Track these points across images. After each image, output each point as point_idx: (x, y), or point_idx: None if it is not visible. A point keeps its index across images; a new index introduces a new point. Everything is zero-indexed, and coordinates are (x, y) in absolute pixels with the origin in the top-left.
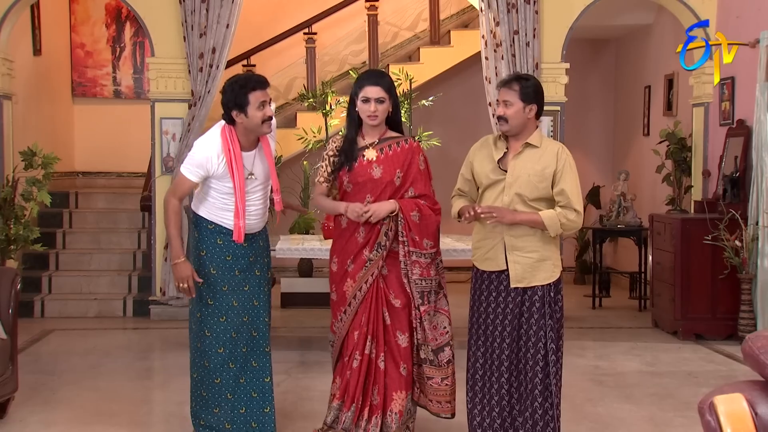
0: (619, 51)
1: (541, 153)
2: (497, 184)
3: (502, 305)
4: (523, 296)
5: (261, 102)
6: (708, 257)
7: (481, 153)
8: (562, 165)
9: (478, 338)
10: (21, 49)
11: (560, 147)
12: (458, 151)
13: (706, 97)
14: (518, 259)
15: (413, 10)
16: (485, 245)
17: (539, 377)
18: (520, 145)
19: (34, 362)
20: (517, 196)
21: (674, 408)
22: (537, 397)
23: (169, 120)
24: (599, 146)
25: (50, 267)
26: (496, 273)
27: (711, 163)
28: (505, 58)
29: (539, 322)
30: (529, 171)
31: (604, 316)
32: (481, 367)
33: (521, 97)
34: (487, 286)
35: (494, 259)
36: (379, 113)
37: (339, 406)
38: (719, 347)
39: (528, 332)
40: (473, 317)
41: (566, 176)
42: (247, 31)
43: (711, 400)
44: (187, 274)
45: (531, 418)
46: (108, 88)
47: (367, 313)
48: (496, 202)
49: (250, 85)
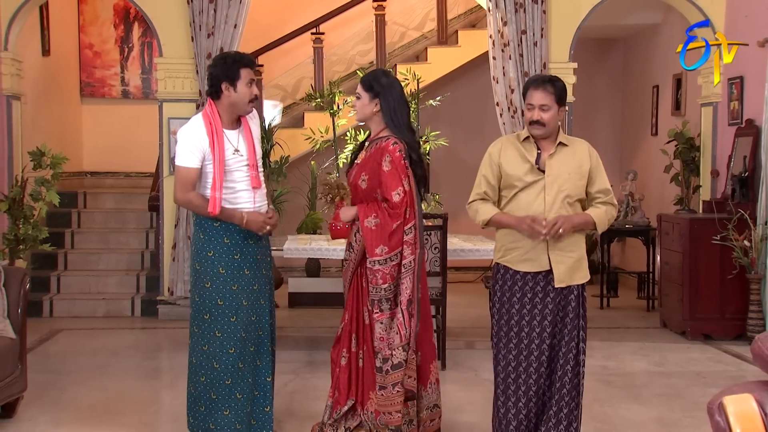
0: (627, 51)
1: (572, 151)
2: (534, 185)
3: (540, 306)
4: (560, 296)
5: (250, 79)
6: (717, 257)
7: (508, 154)
8: (595, 162)
9: (509, 341)
10: (30, 49)
11: (588, 144)
12: (466, 151)
13: (714, 97)
14: (562, 259)
15: (421, 10)
16: (524, 246)
17: (568, 377)
18: (553, 145)
19: (42, 362)
20: (560, 195)
21: (683, 408)
22: (565, 396)
23: (177, 120)
24: (607, 146)
25: (59, 267)
26: (532, 274)
27: (719, 162)
28: (512, 57)
29: (574, 321)
30: (568, 169)
31: (612, 316)
32: (513, 370)
33: (557, 100)
34: (521, 288)
35: (536, 259)
36: (357, 108)
37: (331, 403)
38: (728, 347)
39: (563, 331)
40: (502, 319)
41: (601, 173)
42: (254, 31)
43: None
44: (261, 219)
45: (555, 417)
46: (116, 88)
47: (350, 311)
48: (535, 202)
49: (243, 61)
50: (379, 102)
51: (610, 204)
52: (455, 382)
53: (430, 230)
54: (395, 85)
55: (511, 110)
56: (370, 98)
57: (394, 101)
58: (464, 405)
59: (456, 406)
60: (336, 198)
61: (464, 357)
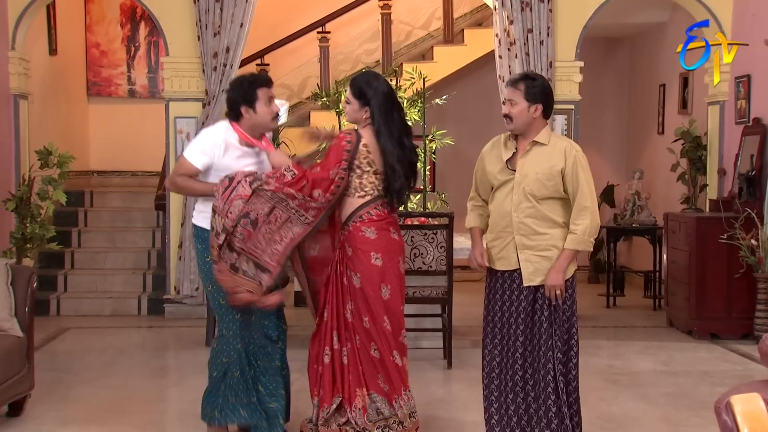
0: (633, 49)
1: (549, 150)
2: (506, 184)
3: (515, 303)
4: (535, 294)
5: (269, 98)
6: (723, 256)
7: (491, 153)
8: (572, 164)
9: (494, 337)
10: (37, 48)
11: (568, 143)
12: (471, 150)
13: (721, 95)
14: (529, 258)
15: (427, 8)
16: (497, 245)
17: (551, 375)
18: (528, 144)
19: (50, 360)
20: (525, 196)
21: (689, 407)
22: (550, 395)
23: (184, 119)
24: (613, 145)
25: (66, 265)
26: (508, 272)
27: (726, 161)
28: (518, 56)
29: (549, 319)
30: (536, 169)
31: (618, 315)
32: (497, 365)
33: (526, 96)
34: (500, 285)
35: (506, 258)
36: (347, 111)
37: (317, 402)
38: (735, 347)
39: (540, 330)
40: (488, 316)
41: (578, 179)
42: (260, 30)
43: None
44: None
45: (546, 416)
46: (123, 87)
47: (331, 309)
48: (505, 201)
49: (259, 82)
50: (369, 110)
51: (581, 212)
52: (462, 381)
53: (436, 229)
54: (386, 90)
55: None
56: (360, 105)
57: (384, 108)
58: (471, 404)
59: (463, 405)
60: None
61: (471, 356)
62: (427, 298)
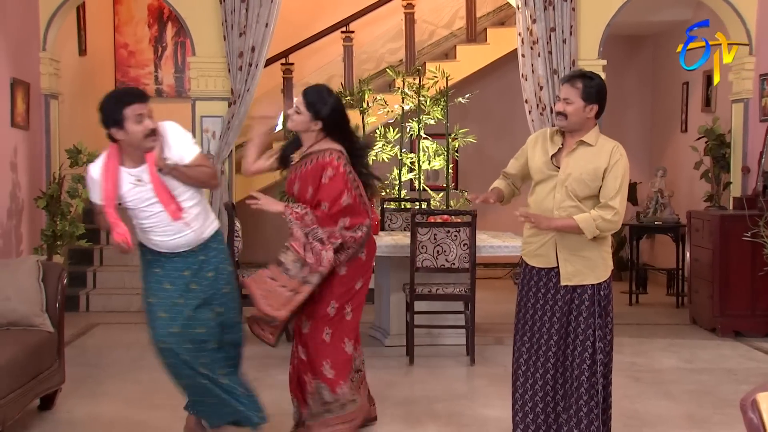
0: (656, 47)
1: (595, 152)
2: (549, 180)
3: (551, 302)
4: (572, 294)
5: (138, 115)
6: (747, 254)
7: (537, 146)
8: (613, 163)
9: (524, 333)
10: (67, 49)
11: (615, 145)
12: (494, 148)
13: (745, 93)
14: (569, 258)
15: (450, 8)
16: (536, 241)
17: (585, 375)
18: (575, 143)
19: (80, 355)
20: (568, 194)
21: (713, 405)
22: (582, 395)
23: (210, 118)
24: (637, 143)
25: (95, 262)
26: (545, 269)
27: (750, 159)
28: (541, 55)
29: (588, 320)
30: (581, 169)
31: (641, 312)
32: (524, 362)
33: (583, 95)
34: (536, 282)
35: (545, 255)
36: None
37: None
38: (759, 344)
39: (576, 330)
40: (520, 312)
41: (614, 175)
42: (285, 29)
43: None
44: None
45: (576, 416)
46: (150, 87)
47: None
48: (547, 198)
49: (126, 100)
50: (321, 123)
51: (606, 208)
52: (484, 378)
53: (459, 227)
54: (338, 105)
55: (540, 107)
56: (312, 117)
57: (337, 120)
58: (493, 400)
59: (485, 402)
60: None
61: (494, 353)
62: (450, 295)
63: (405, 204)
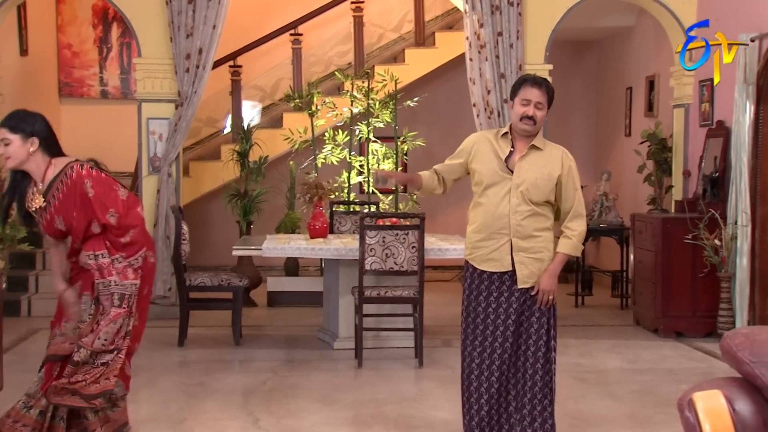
0: (601, 53)
1: (546, 156)
2: (502, 184)
3: (504, 305)
4: (525, 296)
5: None
6: (688, 256)
7: (484, 148)
8: (567, 171)
9: (475, 338)
10: (7, 49)
11: (563, 152)
12: (443, 151)
13: (686, 99)
14: (524, 260)
15: (398, 11)
16: (488, 246)
17: (539, 374)
18: (526, 147)
19: (20, 361)
20: (524, 199)
21: (655, 405)
22: (537, 394)
23: (156, 120)
24: (582, 147)
25: (37, 266)
26: (498, 273)
27: (691, 163)
28: (489, 59)
29: (540, 320)
30: (536, 174)
31: (586, 314)
32: (477, 366)
33: (548, 100)
34: (487, 286)
35: (499, 260)
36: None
37: None
38: (699, 344)
39: (529, 330)
40: (469, 317)
41: (571, 182)
42: (234, 31)
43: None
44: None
45: (530, 415)
46: (95, 88)
47: None
48: (502, 202)
49: None
50: (35, 140)
51: (576, 218)
52: (433, 380)
53: (407, 230)
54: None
55: (488, 111)
56: (23, 139)
57: (47, 132)
58: (442, 402)
59: (434, 404)
60: (315, 197)
61: (442, 355)
62: (399, 297)
63: (354, 207)
